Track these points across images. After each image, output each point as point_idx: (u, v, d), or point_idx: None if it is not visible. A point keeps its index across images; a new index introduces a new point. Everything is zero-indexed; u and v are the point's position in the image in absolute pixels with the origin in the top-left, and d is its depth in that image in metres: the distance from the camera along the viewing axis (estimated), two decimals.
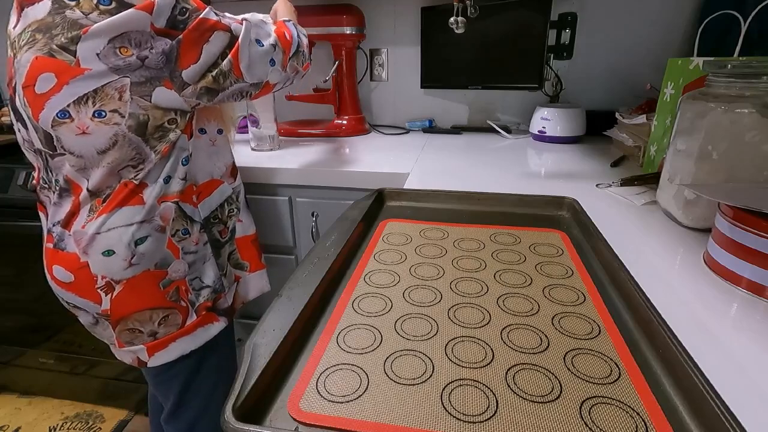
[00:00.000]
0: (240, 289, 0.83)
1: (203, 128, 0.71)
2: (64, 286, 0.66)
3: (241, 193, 0.80)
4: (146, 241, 0.64)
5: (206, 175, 0.72)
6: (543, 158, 1.08)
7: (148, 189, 0.63)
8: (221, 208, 0.75)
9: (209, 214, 0.73)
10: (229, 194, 0.77)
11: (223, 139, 0.76)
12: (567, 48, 1.19)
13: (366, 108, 1.52)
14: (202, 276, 0.72)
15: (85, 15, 0.56)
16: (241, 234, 0.80)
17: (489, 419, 0.31)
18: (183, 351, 0.71)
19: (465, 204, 0.73)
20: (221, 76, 0.63)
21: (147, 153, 0.62)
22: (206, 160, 0.72)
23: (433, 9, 1.30)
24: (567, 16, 1.16)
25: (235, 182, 0.79)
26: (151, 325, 0.67)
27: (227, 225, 0.77)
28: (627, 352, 0.37)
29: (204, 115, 0.71)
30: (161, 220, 0.65)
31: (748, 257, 0.44)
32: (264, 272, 0.87)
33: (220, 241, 0.76)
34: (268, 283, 0.88)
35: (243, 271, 0.82)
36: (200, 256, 0.71)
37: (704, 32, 0.90)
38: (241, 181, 0.80)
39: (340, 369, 0.36)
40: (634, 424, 0.30)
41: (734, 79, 0.55)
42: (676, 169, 0.62)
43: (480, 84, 1.32)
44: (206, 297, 0.72)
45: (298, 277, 0.47)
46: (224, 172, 0.76)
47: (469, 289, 0.48)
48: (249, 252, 0.82)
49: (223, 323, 0.76)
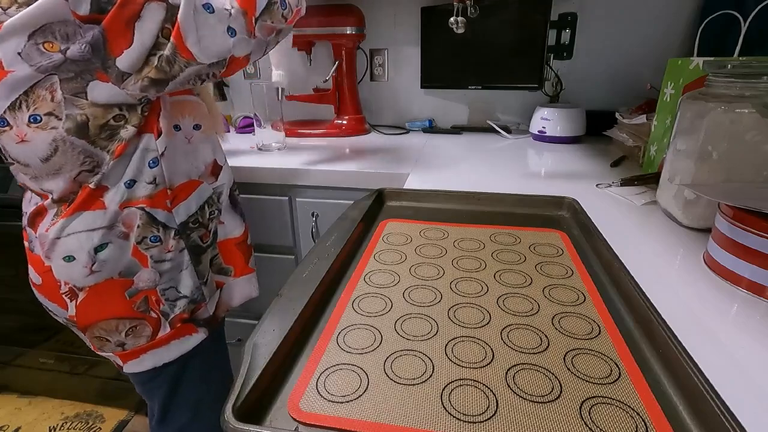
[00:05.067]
0: (224, 295, 0.75)
1: (177, 124, 0.63)
2: (37, 288, 0.64)
3: (223, 193, 0.72)
4: (107, 248, 0.59)
5: (183, 176, 0.64)
6: (543, 158, 1.08)
7: (110, 193, 0.57)
8: (201, 211, 0.67)
9: (187, 218, 0.65)
10: (210, 195, 0.69)
11: (201, 136, 0.67)
12: (567, 48, 1.19)
13: (366, 108, 1.52)
14: (179, 285, 0.65)
15: (4, 10, 0.49)
16: (223, 237, 0.73)
17: (489, 419, 0.31)
18: (156, 363, 0.67)
19: (465, 204, 0.73)
20: (165, 62, 0.52)
21: (99, 155, 0.56)
22: (182, 160, 0.64)
23: (433, 9, 1.30)
24: (567, 16, 1.16)
25: (217, 181, 0.71)
26: (118, 336, 0.63)
27: (209, 228, 0.69)
28: (627, 352, 0.37)
29: (177, 110, 0.63)
30: (124, 227, 0.59)
31: (748, 257, 0.44)
32: (251, 277, 0.79)
33: (201, 247, 0.69)
34: (255, 289, 0.80)
35: (227, 276, 0.75)
36: (176, 265, 0.65)
37: (704, 32, 0.90)
38: (226, 179, 0.73)
39: (340, 369, 0.36)
40: (634, 424, 0.30)
41: (734, 79, 0.55)
42: (676, 169, 0.62)
43: (480, 84, 1.32)
44: (182, 308, 0.66)
45: (298, 277, 0.47)
46: (203, 171, 0.68)
47: (469, 289, 0.48)
48: (233, 256, 0.75)
49: (203, 335, 0.70)
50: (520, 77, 1.26)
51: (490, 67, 1.29)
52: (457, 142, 1.30)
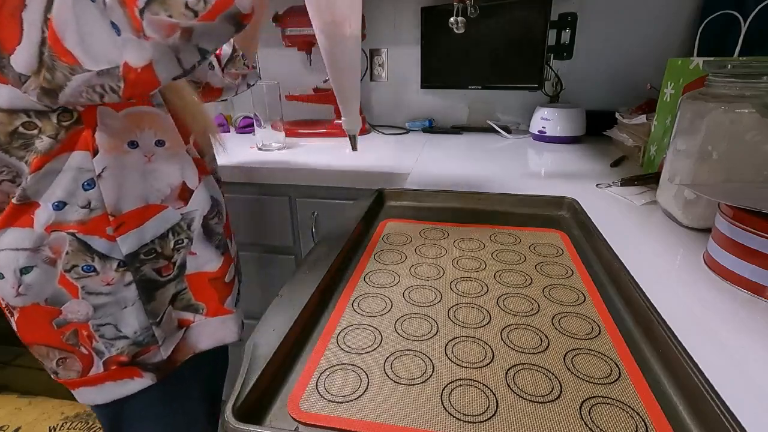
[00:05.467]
0: (190, 335, 0.62)
1: (134, 141, 0.53)
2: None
3: (195, 220, 0.60)
4: (32, 271, 0.52)
5: (136, 200, 0.54)
6: (543, 158, 1.08)
7: (39, 211, 0.51)
8: (162, 240, 0.57)
9: (138, 248, 0.55)
10: (176, 222, 0.58)
11: (165, 153, 0.56)
12: (567, 48, 1.19)
13: (366, 108, 1.52)
14: (119, 324, 0.56)
15: None
16: (194, 270, 0.61)
17: (489, 419, 0.31)
18: (90, 401, 0.59)
19: (465, 204, 0.73)
20: (47, 69, 0.41)
21: (16, 165, 0.49)
22: (136, 182, 0.54)
23: (433, 9, 1.30)
24: (567, 16, 1.16)
25: (187, 206, 0.58)
26: (50, 363, 0.57)
27: (172, 260, 0.58)
28: (627, 352, 0.37)
29: (132, 123, 0.53)
30: (51, 252, 0.52)
31: (748, 257, 0.44)
32: (229, 319, 0.64)
33: (158, 281, 0.58)
34: (233, 333, 0.65)
35: (197, 314, 0.62)
36: (116, 300, 0.55)
37: (704, 32, 0.90)
38: (200, 204, 0.60)
39: (340, 369, 0.36)
40: (634, 424, 0.30)
41: (734, 79, 0.55)
42: (676, 169, 0.62)
43: (480, 84, 1.32)
44: (121, 350, 0.56)
45: (298, 277, 0.47)
46: (168, 194, 0.57)
47: (469, 289, 0.48)
48: (206, 292, 0.62)
49: (149, 380, 0.59)
50: (520, 77, 1.26)
51: (490, 67, 1.29)
52: (457, 142, 1.30)
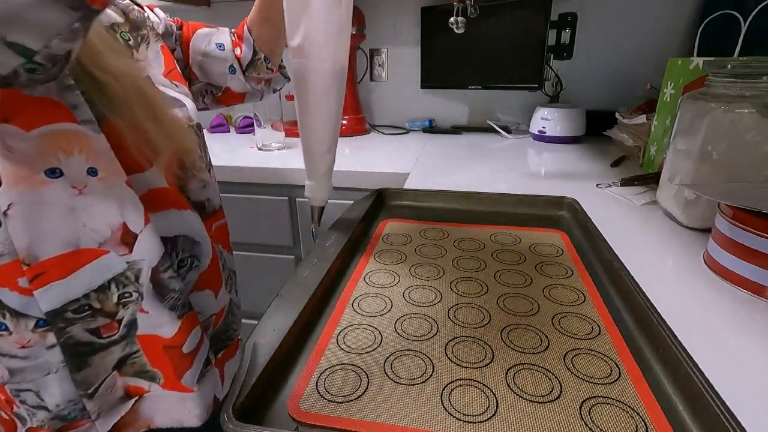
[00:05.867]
0: (143, 407, 0.50)
1: (55, 168, 0.40)
2: None
3: (143, 271, 0.45)
4: None
5: (61, 244, 0.42)
6: (543, 158, 1.08)
7: None
8: (102, 293, 0.44)
9: (65, 304, 0.43)
10: (120, 272, 0.44)
11: (100, 185, 0.41)
12: (567, 48, 1.19)
13: (366, 108, 1.52)
14: (41, 392, 0.45)
15: None
16: (148, 331, 0.47)
17: (489, 419, 0.31)
18: None
19: (465, 204, 0.73)
20: None
21: None
22: (61, 221, 0.41)
23: (433, 9, 1.30)
24: (567, 16, 1.16)
25: (133, 254, 0.44)
26: None
27: (116, 317, 0.45)
28: (627, 352, 0.37)
29: (52, 146, 0.39)
30: None
31: (748, 257, 0.44)
32: (189, 399, 0.50)
33: (96, 343, 0.45)
34: (195, 417, 0.51)
35: (153, 382, 0.49)
36: (36, 365, 0.44)
37: (704, 32, 0.90)
38: (149, 253, 0.45)
39: (340, 369, 0.36)
40: (634, 424, 0.30)
41: (734, 79, 0.55)
42: (676, 169, 0.62)
43: (480, 84, 1.32)
44: (43, 422, 0.46)
45: (298, 277, 0.47)
46: (108, 237, 0.43)
47: (469, 289, 0.48)
48: (161, 360, 0.49)
49: None
50: (520, 77, 1.26)
51: (490, 67, 1.29)
52: (457, 142, 1.30)
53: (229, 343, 0.59)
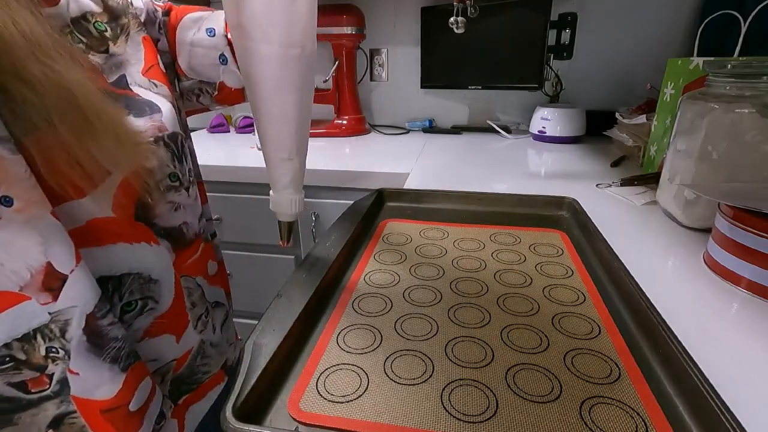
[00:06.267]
0: None
1: None
2: None
3: (73, 322, 0.36)
4: None
5: None
6: (543, 158, 1.08)
7: None
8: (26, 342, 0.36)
9: None
10: (43, 322, 0.36)
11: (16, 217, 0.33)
12: (567, 48, 1.19)
13: (366, 108, 1.52)
14: None
15: None
16: (81, 394, 0.38)
17: (489, 419, 0.31)
18: None
19: (465, 204, 0.73)
20: None
21: None
22: None
23: (433, 9, 1.30)
24: (567, 16, 1.16)
25: (59, 302, 0.35)
26: None
27: (46, 371, 0.37)
28: (627, 352, 0.37)
29: None
30: None
31: (748, 257, 0.44)
32: None
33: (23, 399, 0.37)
34: None
35: None
36: None
37: (704, 32, 0.90)
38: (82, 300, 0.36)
39: (340, 369, 0.36)
40: (634, 424, 0.30)
41: (734, 79, 0.55)
42: (676, 169, 0.62)
43: (480, 84, 1.32)
44: None
45: (298, 277, 0.47)
46: (27, 281, 0.35)
47: (469, 289, 0.48)
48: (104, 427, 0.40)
49: None
50: (520, 77, 1.26)
51: (490, 67, 1.29)
52: (457, 142, 1.30)
53: (194, 387, 0.49)
